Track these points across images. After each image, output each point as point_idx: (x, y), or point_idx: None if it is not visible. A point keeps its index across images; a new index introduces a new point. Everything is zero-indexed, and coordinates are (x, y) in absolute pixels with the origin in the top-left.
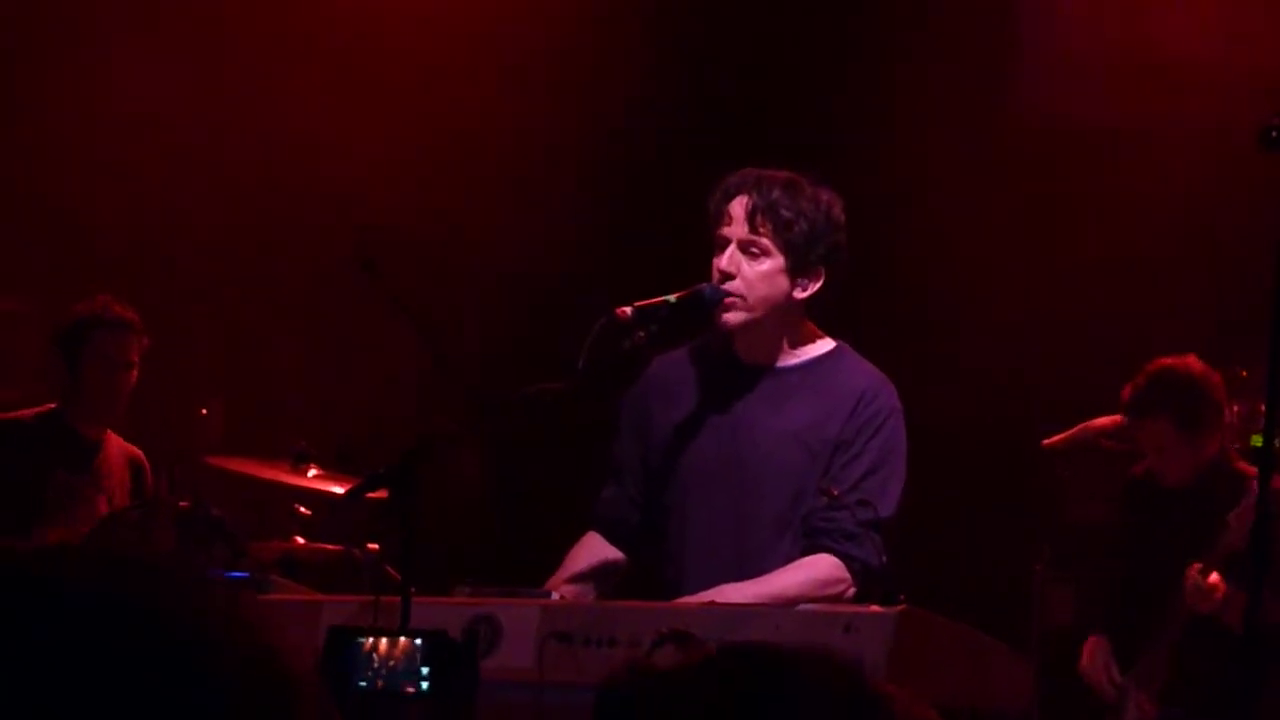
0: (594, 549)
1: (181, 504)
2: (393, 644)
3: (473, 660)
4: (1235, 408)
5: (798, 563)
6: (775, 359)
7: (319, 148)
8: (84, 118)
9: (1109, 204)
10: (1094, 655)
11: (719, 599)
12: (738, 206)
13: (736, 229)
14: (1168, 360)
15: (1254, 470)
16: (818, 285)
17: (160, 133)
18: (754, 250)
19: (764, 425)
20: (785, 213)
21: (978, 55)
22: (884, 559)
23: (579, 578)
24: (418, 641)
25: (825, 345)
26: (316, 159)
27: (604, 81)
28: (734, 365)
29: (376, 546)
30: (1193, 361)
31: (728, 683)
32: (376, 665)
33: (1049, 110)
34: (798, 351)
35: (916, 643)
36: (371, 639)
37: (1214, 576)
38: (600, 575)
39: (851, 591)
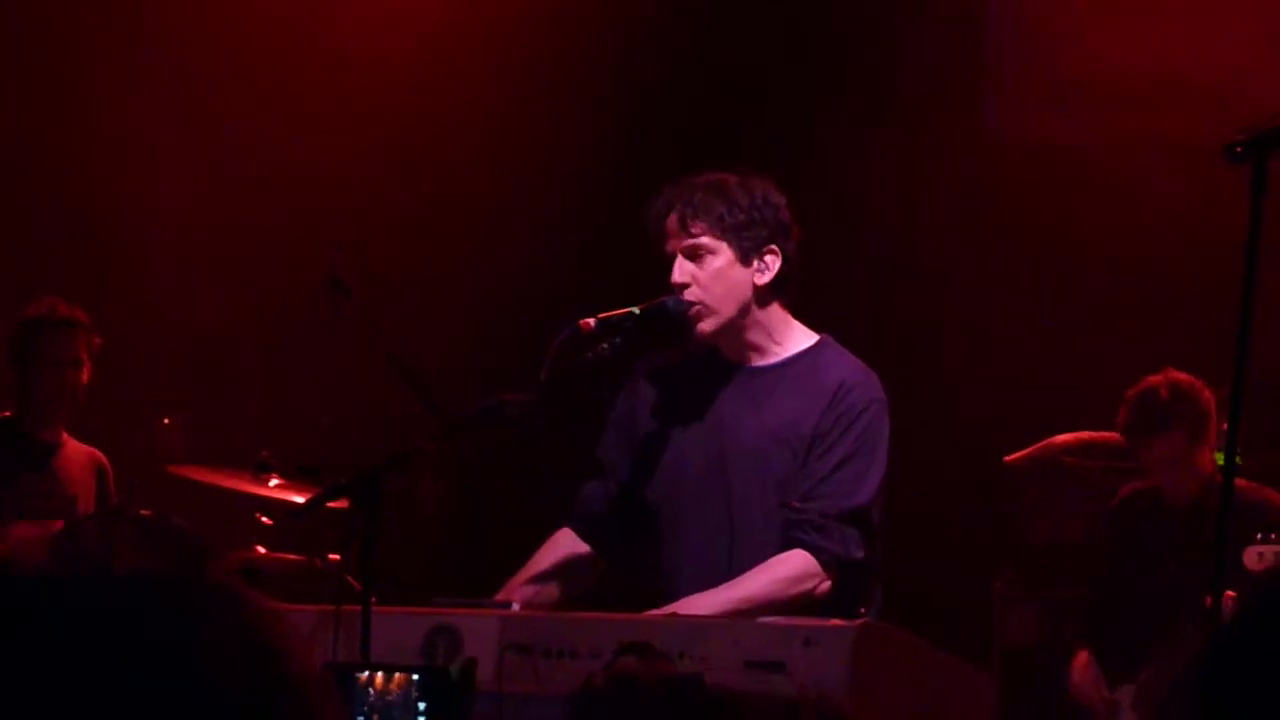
0: (561, 547)
1: (143, 513)
2: (389, 679)
3: (469, 694)
4: None
5: (766, 563)
6: (757, 356)
7: (287, 162)
8: (45, 126)
9: (1076, 223)
10: (1085, 671)
11: (684, 610)
12: (671, 221)
13: (675, 241)
14: (1156, 377)
15: (1247, 485)
16: (777, 265)
17: (125, 143)
18: (698, 253)
19: (747, 425)
20: (715, 206)
21: (948, 76)
22: (863, 551)
23: (541, 577)
24: (414, 676)
25: (808, 340)
26: (285, 173)
27: (572, 97)
28: (719, 364)
29: (338, 557)
30: (1180, 375)
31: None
32: (373, 700)
33: (1019, 129)
34: (780, 347)
35: (876, 657)
36: (368, 673)
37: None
38: (566, 573)
39: (825, 586)
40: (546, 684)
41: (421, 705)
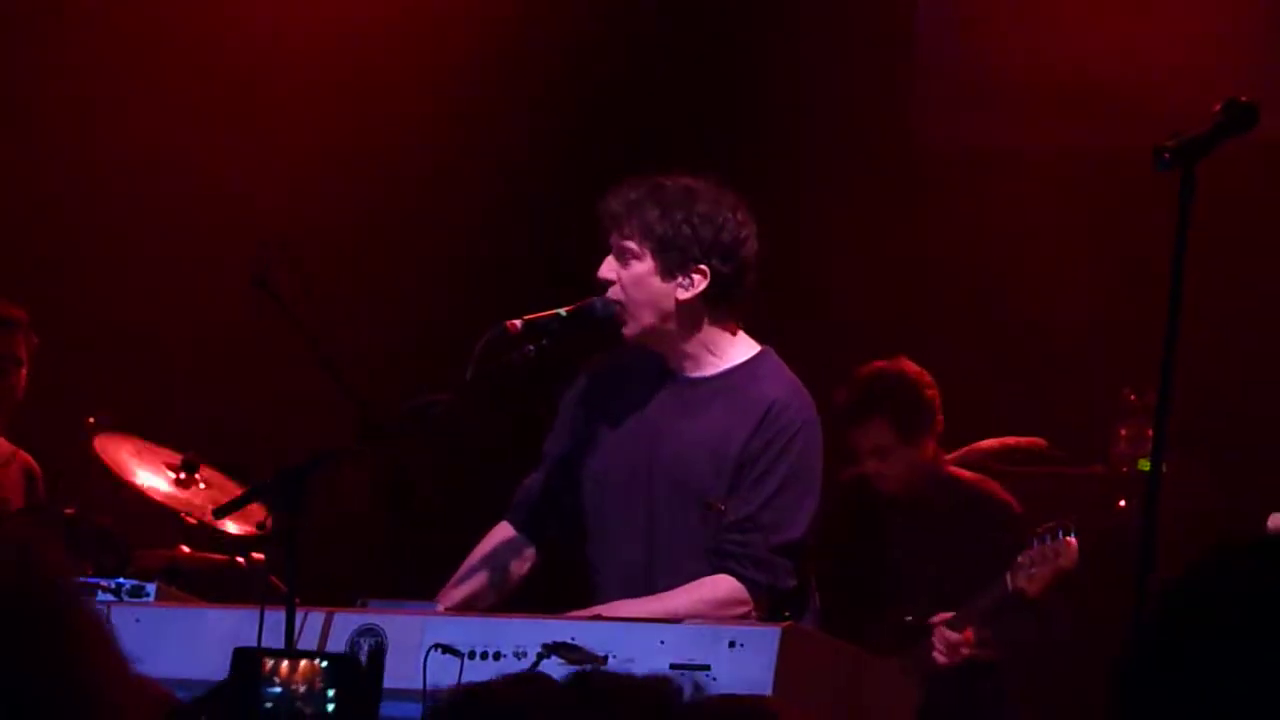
0: (497, 544)
1: (67, 511)
2: (297, 666)
3: (377, 682)
4: (1123, 431)
5: (697, 582)
6: (693, 366)
7: (216, 160)
8: None
9: (1001, 226)
10: None
11: (609, 614)
12: (605, 214)
13: (611, 237)
14: (881, 363)
15: (972, 476)
16: (703, 284)
17: (54, 138)
18: (625, 256)
19: (676, 436)
20: (649, 214)
21: (878, 79)
22: (794, 580)
23: (474, 574)
24: (323, 664)
25: (746, 352)
26: (213, 171)
27: (511, 96)
28: (659, 370)
29: (262, 557)
30: (906, 363)
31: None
32: (281, 687)
33: (950, 134)
34: (717, 359)
35: (802, 659)
36: (275, 660)
37: (967, 633)
38: (499, 568)
39: (755, 615)
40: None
41: (330, 693)
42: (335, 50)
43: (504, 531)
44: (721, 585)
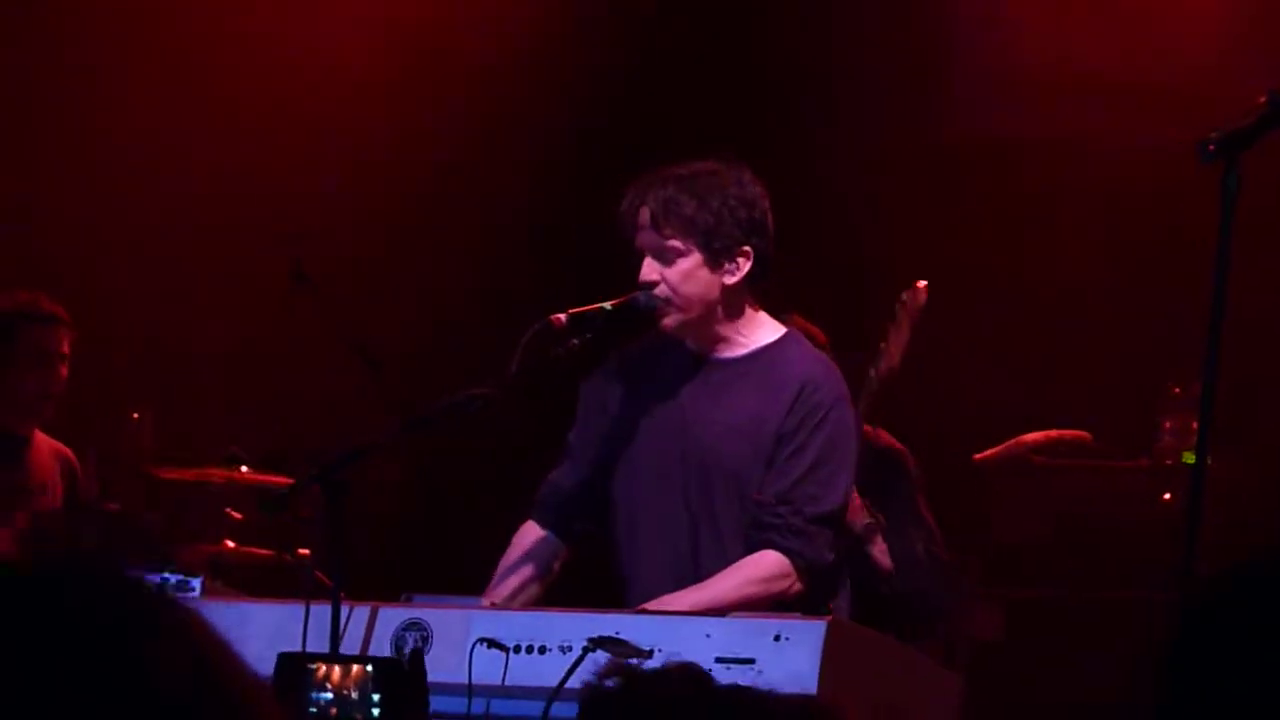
0: (527, 544)
1: (109, 508)
2: (345, 670)
3: (422, 686)
4: (1168, 424)
5: (739, 563)
6: (722, 349)
7: (253, 155)
8: (19, 120)
9: (1044, 219)
10: None
11: (655, 608)
12: (643, 215)
13: (646, 237)
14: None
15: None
16: (748, 265)
17: (85, 138)
18: (668, 255)
19: (709, 419)
20: (686, 210)
21: (912, 71)
22: (833, 553)
23: (508, 579)
24: (369, 668)
25: (773, 333)
26: (250, 166)
27: (542, 91)
28: (684, 355)
29: (307, 551)
30: (798, 320)
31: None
32: (328, 692)
33: (984, 125)
34: (745, 340)
35: (846, 654)
36: (323, 665)
37: None
38: (534, 572)
39: (798, 588)
40: (517, 679)
41: (376, 697)
42: (372, 50)
43: (532, 532)
44: (765, 561)
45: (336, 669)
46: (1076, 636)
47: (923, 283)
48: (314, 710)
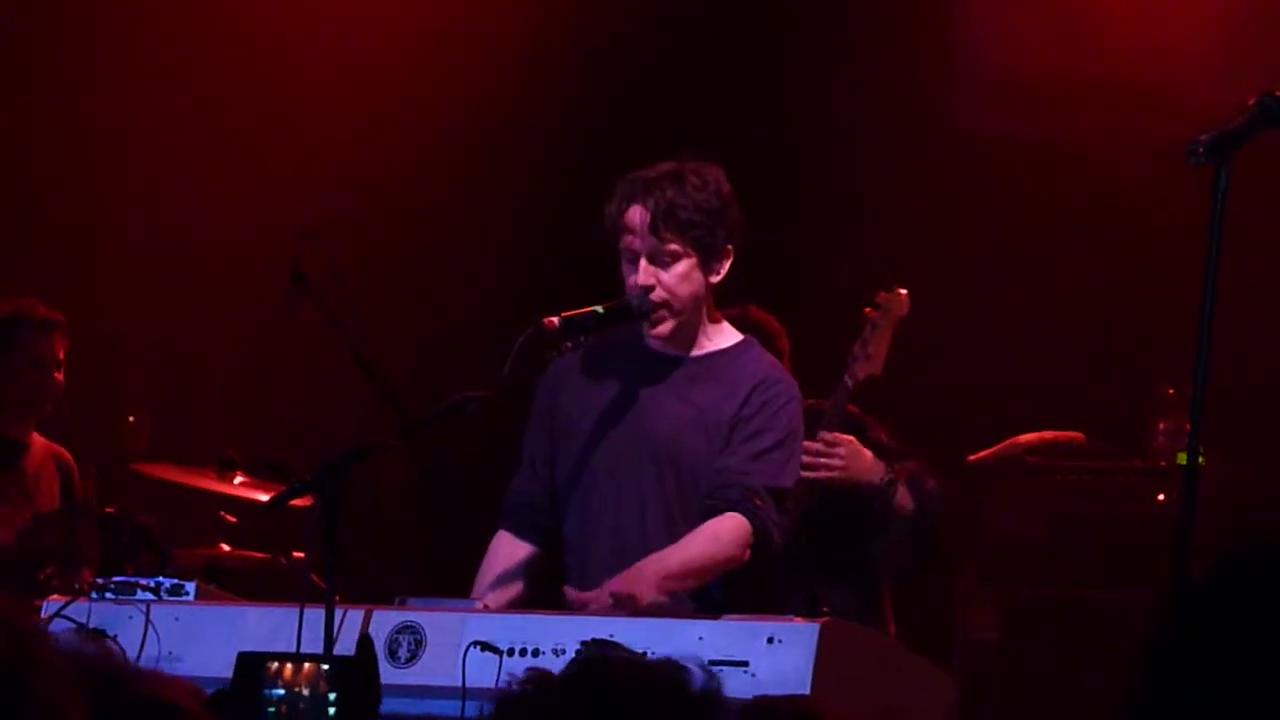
0: (504, 552)
1: (107, 510)
2: (299, 668)
3: (375, 681)
4: (1161, 425)
5: (700, 527)
6: (685, 348)
7: (253, 157)
8: (19, 122)
9: (1043, 220)
10: None
11: (627, 586)
12: (634, 217)
13: (640, 241)
14: (731, 311)
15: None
16: (728, 263)
17: (85, 137)
18: (665, 258)
19: (668, 412)
20: (683, 214)
21: (915, 72)
22: (782, 537)
23: (497, 586)
24: (324, 666)
25: (732, 338)
26: (251, 169)
27: (538, 96)
28: (645, 354)
29: (302, 555)
30: (755, 310)
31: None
32: (283, 689)
33: (978, 125)
34: (709, 341)
35: (840, 654)
36: (278, 663)
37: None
38: (513, 581)
39: (746, 555)
40: (510, 681)
41: (331, 695)
42: (374, 50)
43: (505, 541)
44: (728, 522)
45: (289, 666)
46: (1072, 636)
47: (904, 290)
48: (271, 709)
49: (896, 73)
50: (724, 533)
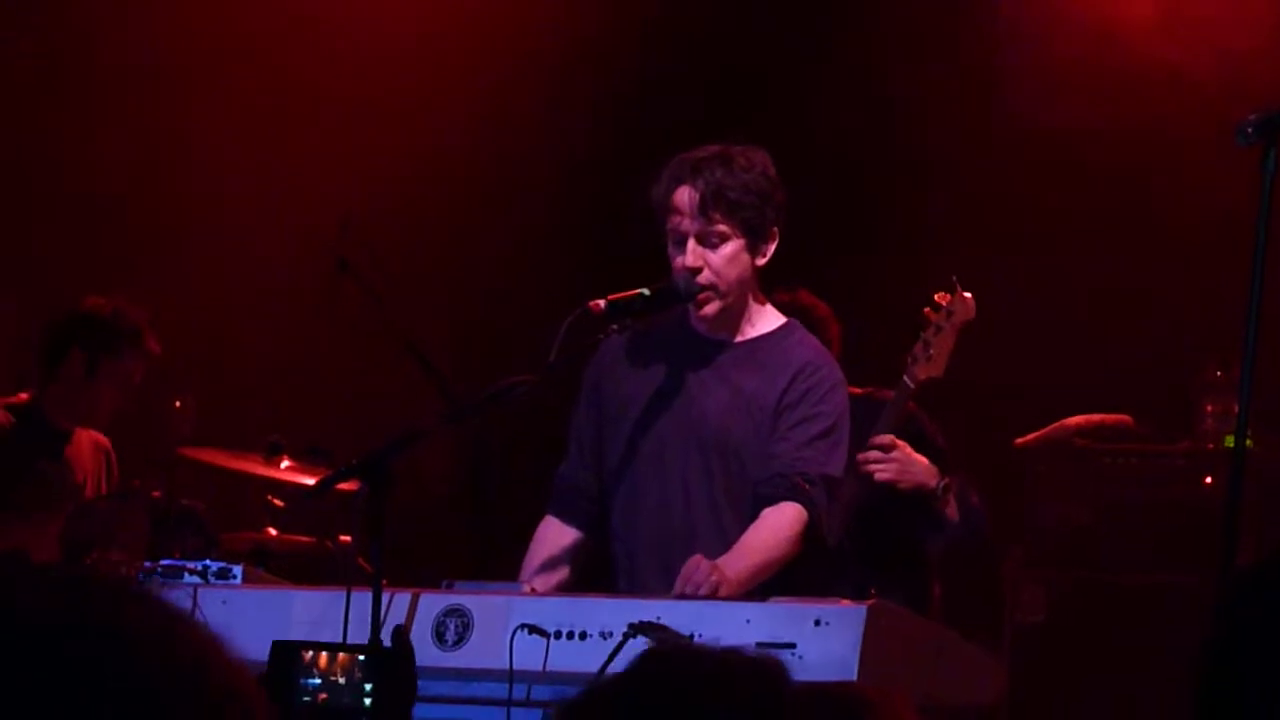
0: (550, 538)
1: (154, 494)
2: (334, 658)
3: (411, 672)
4: (1209, 407)
5: (759, 519)
6: (730, 333)
7: (299, 144)
8: (50, 112)
9: (1089, 207)
10: None
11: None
12: (682, 198)
13: (689, 222)
14: (782, 294)
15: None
16: (774, 246)
17: (131, 127)
18: (713, 240)
19: (714, 397)
20: (732, 194)
21: (965, 63)
22: (833, 532)
23: (544, 571)
24: (360, 656)
25: (776, 321)
26: (296, 155)
27: (577, 80)
28: (691, 338)
29: (349, 538)
30: (805, 295)
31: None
32: (319, 679)
33: (1028, 114)
34: (752, 326)
35: (887, 638)
36: (313, 652)
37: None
38: (563, 562)
39: (800, 546)
40: (557, 665)
41: (368, 686)
42: (413, 45)
43: (552, 526)
44: (786, 514)
45: (324, 656)
46: (1119, 620)
47: (969, 294)
48: (305, 698)
49: (943, 65)
50: (785, 527)
